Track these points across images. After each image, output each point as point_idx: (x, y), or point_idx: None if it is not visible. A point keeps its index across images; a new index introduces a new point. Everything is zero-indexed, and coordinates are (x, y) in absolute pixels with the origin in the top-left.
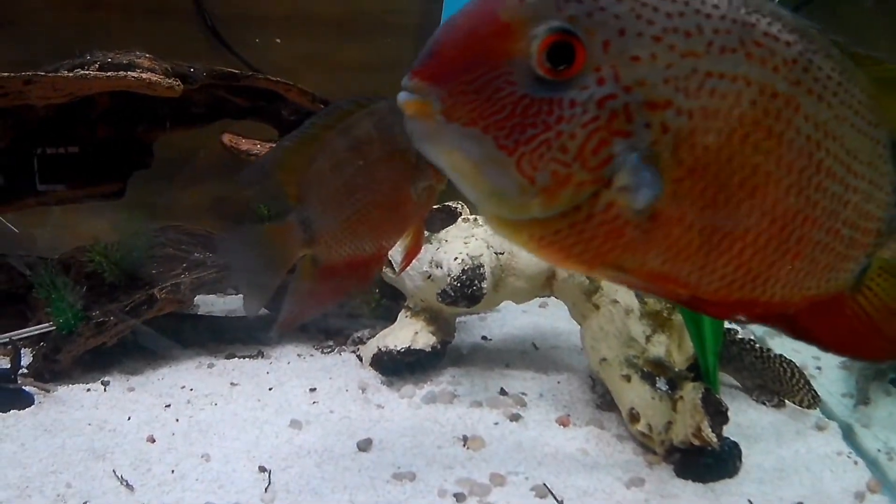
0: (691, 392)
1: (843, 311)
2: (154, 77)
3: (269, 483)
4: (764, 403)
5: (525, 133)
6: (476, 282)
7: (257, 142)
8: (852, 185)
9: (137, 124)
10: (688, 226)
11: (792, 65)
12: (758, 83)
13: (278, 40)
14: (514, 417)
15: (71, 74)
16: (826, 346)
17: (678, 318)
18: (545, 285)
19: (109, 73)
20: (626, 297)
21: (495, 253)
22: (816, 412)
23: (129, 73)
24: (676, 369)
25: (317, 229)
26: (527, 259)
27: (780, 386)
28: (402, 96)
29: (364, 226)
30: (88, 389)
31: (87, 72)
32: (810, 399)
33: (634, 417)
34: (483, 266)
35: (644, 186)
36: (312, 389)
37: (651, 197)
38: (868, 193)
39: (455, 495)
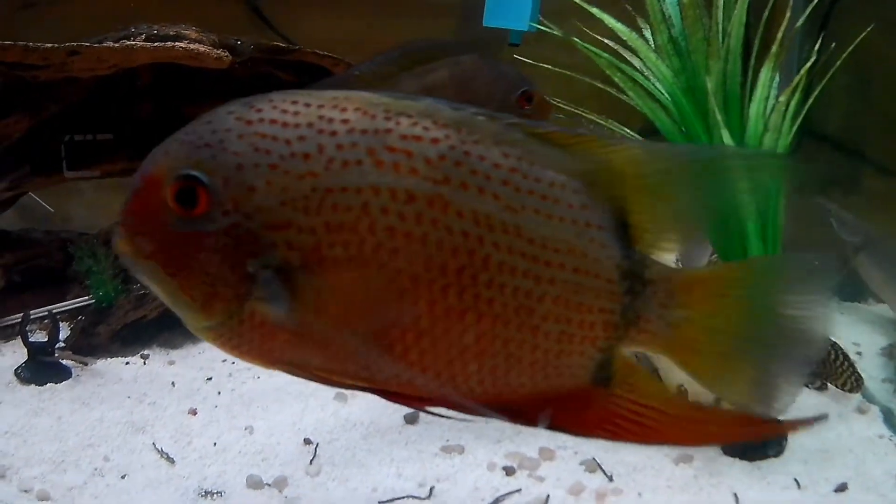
0: None
1: (595, 405)
2: (202, 48)
3: (315, 455)
4: (807, 386)
5: (181, 262)
6: None
7: None
8: (547, 278)
9: (179, 99)
10: (337, 329)
11: (438, 162)
12: (389, 190)
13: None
14: None
15: (117, 45)
16: (591, 435)
17: None
18: None
19: (156, 44)
20: None
21: None
22: (857, 396)
23: (176, 43)
24: None
25: None
26: None
27: (825, 368)
28: (114, 240)
29: None
30: (127, 363)
31: (133, 42)
32: (853, 382)
33: (682, 394)
34: None
35: (278, 298)
36: None
37: (285, 307)
38: (576, 284)
39: (504, 469)
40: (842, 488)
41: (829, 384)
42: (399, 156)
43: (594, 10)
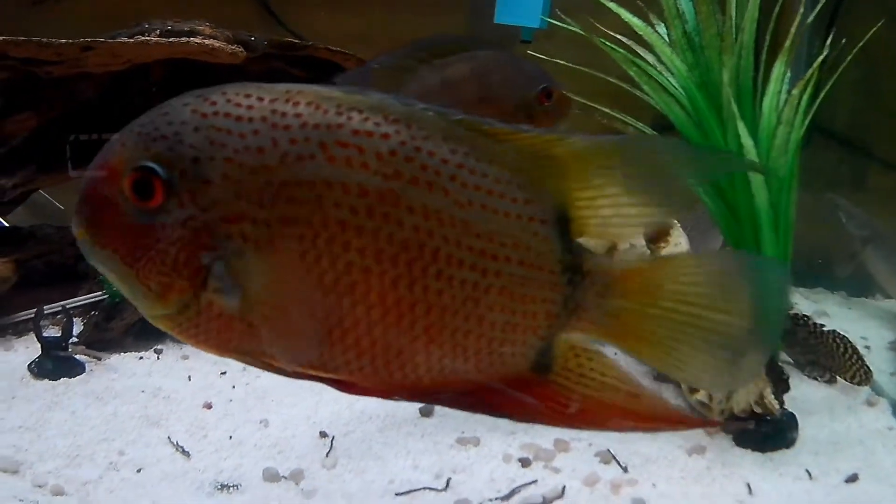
0: None
1: (534, 391)
2: (217, 43)
3: (331, 448)
4: (816, 379)
5: (137, 252)
6: None
7: None
8: (492, 270)
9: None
10: (289, 319)
11: (389, 157)
12: (341, 184)
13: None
14: None
15: (131, 41)
16: (532, 421)
17: None
18: (605, 255)
19: (171, 40)
20: None
21: None
22: (866, 389)
23: (191, 39)
24: None
25: None
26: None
27: (833, 361)
28: (73, 224)
29: None
30: (141, 358)
31: (148, 38)
32: (862, 375)
33: (694, 388)
34: None
35: (232, 288)
36: None
37: (238, 297)
38: (520, 276)
39: (520, 460)
40: (852, 479)
41: (838, 377)
42: (351, 151)
43: (611, 6)
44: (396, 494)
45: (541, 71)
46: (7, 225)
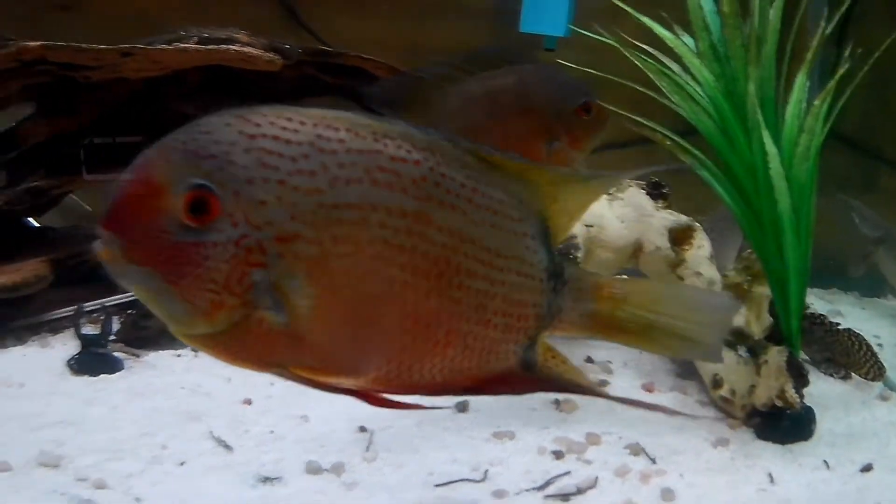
0: (776, 356)
1: (516, 386)
2: (254, 51)
3: (371, 442)
4: (831, 375)
5: (183, 270)
6: (572, 251)
7: None
8: (498, 280)
9: (226, 101)
10: (334, 331)
11: (421, 182)
12: (385, 206)
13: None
14: (602, 384)
15: (170, 47)
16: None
17: (757, 290)
18: (631, 257)
19: (210, 47)
20: (708, 269)
21: (584, 224)
22: (879, 384)
23: (229, 46)
24: (755, 338)
25: None
26: (614, 231)
27: (848, 358)
28: (95, 245)
29: None
30: (179, 355)
31: (186, 45)
32: (876, 371)
33: (717, 383)
34: (577, 236)
35: (281, 305)
36: None
37: (287, 314)
38: (517, 284)
39: (553, 453)
40: (867, 468)
41: (852, 374)
42: (390, 175)
43: (645, 20)
44: (435, 486)
45: (582, 85)
46: (38, 225)
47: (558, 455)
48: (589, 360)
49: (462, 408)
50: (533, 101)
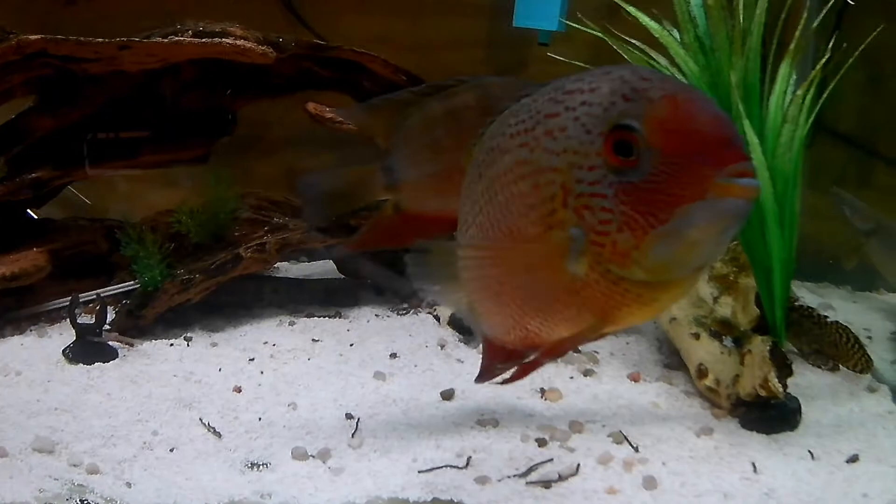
0: (760, 345)
1: None
2: (248, 44)
3: (357, 429)
4: (819, 367)
5: None
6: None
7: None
8: None
9: (222, 94)
10: None
11: None
12: None
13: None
14: (588, 373)
15: (166, 40)
16: None
17: (743, 281)
18: None
19: (205, 40)
20: None
21: None
22: (868, 376)
23: (223, 39)
24: (741, 329)
25: (399, 178)
26: None
27: (836, 350)
28: (752, 182)
29: (452, 186)
30: (172, 344)
31: (181, 38)
32: (864, 363)
33: (702, 373)
34: None
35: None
36: (393, 355)
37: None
38: None
39: (537, 440)
40: (853, 459)
41: (840, 365)
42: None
43: (631, 9)
44: (419, 472)
45: None
46: (37, 217)
47: (541, 442)
48: (575, 349)
49: (447, 396)
50: (492, 113)
